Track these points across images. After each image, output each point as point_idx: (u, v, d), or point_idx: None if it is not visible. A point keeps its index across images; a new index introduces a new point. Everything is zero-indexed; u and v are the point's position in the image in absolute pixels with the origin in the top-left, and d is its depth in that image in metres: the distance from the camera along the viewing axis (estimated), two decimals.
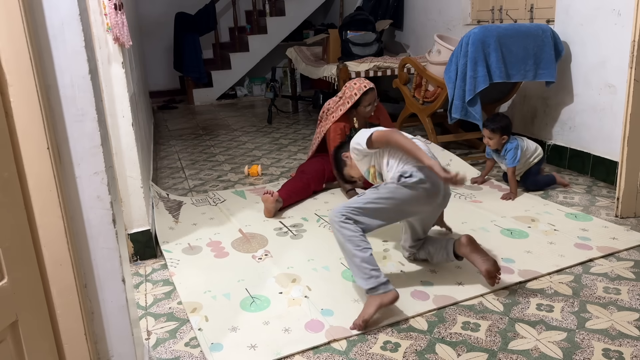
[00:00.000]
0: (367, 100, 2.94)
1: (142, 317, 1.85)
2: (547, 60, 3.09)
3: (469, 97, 3.05)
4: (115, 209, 1.24)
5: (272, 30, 6.66)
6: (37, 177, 1.09)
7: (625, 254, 2.13)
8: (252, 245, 2.37)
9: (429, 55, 3.64)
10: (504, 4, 3.83)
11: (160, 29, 6.74)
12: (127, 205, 2.24)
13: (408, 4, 5.03)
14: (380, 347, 1.62)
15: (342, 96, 3.02)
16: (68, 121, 1.15)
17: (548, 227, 2.41)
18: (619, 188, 2.46)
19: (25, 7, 1.03)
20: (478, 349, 1.58)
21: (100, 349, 1.29)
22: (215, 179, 3.44)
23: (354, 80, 3.02)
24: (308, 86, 6.77)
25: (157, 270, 2.21)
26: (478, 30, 3.03)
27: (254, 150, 4.16)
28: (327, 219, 2.62)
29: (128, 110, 2.18)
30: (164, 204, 2.88)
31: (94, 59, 1.27)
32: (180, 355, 1.63)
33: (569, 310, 1.76)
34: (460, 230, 2.40)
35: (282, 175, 3.42)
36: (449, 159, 3.30)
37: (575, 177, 3.12)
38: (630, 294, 1.83)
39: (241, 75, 6.78)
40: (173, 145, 4.50)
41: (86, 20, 1.18)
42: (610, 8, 2.85)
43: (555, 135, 3.37)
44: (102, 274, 1.25)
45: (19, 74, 1.03)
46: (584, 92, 3.12)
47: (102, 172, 1.19)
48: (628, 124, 2.36)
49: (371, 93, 2.94)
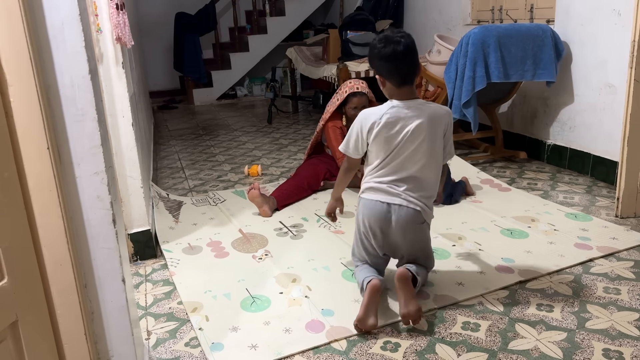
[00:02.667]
0: (354, 103, 2.93)
1: (142, 317, 1.85)
2: (546, 60, 3.09)
3: (466, 97, 3.04)
4: (115, 209, 1.24)
5: (272, 30, 6.66)
6: (37, 177, 1.09)
7: (625, 254, 2.13)
8: (252, 245, 2.37)
9: (429, 55, 3.64)
10: (504, 4, 3.83)
11: (160, 29, 6.74)
12: (127, 205, 2.24)
13: (408, 4, 5.03)
14: (380, 347, 1.62)
15: (336, 94, 3.04)
16: (68, 121, 1.15)
17: (548, 227, 2.41)
18: (619, 188, 2.46)
19: (25, 7, 1.03)
20: (478, 349, 1.58)
21: (100, 349, 1.29)
22: (215, 179, 3.44)
23: (351, 80, 3.03)
24: (308, 86, 6.77)
25: (157, 270, 2.21)
26: (478, 30, 3.03)
27: (254, 150, 4.16)
28: (327, 219, 2.62)
29: (128, 110, 2.18)
30: (164, 204, 2.88)
31: (94, 59, 1.27)
32: (181, 355, 1.63)
33: (569, 310, 1.76)
34: (461, 230, 2.40)
35: (282, 175, 3.42)
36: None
37: (575, 177, 3.12)
38: (630, 294, 1.83)
39: (241, 75, 6.78)
40: (173, 145, 4.50)
41: (86, 20, 1.18)
42: (610, 8, 2.85)
43: (555, 135, 3.37)
44: (102, 274, 1.25)
45: (19, 74, 1.03)
46: (584, 92, 3.12)
47: (102, 172, 1.19)
48: (628, 124, 2.36)
49: (360, 97, 2.93)
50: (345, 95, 2.95)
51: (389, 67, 1.71)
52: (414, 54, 1.72)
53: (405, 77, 1.71)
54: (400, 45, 1.67)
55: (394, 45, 1.67)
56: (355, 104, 2.93)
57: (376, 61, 1.74)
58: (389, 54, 1.68)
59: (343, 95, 2.97)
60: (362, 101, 2.94)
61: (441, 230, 2.40)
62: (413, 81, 1.74)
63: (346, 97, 2.96)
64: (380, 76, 1.76)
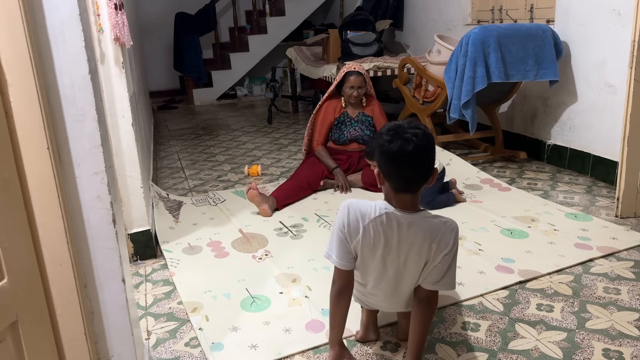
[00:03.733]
0: (350, 82, 3.00)
1: (142, 317, 1.85)
2: (548, 60, 3.09)
3: (466, 97, 3.04)
4: (115, 209, 1.24)
5: (272, 30, 6.66)
6: (37, 177, 1.09)
7: (625, 254, 2.13)
8: (253, 245, 2.37)
9: (429, 55, 3.64)
10: (504, 4, 3.83)
11: (160, 29, 6.74)
12: (127, 205, 2.24)
13: (408, 4, 5.03)
14: (380, 347, 1.62)
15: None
16: (68, 121, 1.15)
17: (548, 227, 2.41)
18: (619, 188, 2.46)
19: (25, 7, 1.03)
20: (478, 349, 1.58)
21: (100, 349, 1.29)
22: (215, 179, 3.44)
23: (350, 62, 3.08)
24: (308, 86, 6.77)
25: (157, 270, 2.21)
26: (478, 30, 3.03)
27: (254, 150, 4.15)
28: (327, 219, 2.62)
29: (128, 110, 2.18)
30: (164, 204, 2.88)
31: (94, 59, 1.27)
32: (180, 355, 1.63)
33: (569, 310, 1.75)
34: (460, 230, 2.39)
35: (282, 175, 3.42)
36: (449, 158, 3.31)
37: (575, 177, 3.12)
38: (630, 294, 1.83)
39: (241, 75, 6.78)
40: (173, 145, 4.50)
41: (86, 20, 1.18)
42: (610, 8, 2.85)
43: (555, 135, 3.37)
44: (102, 274, 1.25)
45: (19, 74, 1.03)
46: (584, 92, 3.12)
47: (102, 172, 1.19)
48: (628, 124, 2.36)
49: (356, 76, 2.99)
50: (342, 75, 3.02)
51: (390, 167, 1.33)
52: (426, 156, 1.32)
53: (408, 184, 1.33)
54: (410, 144, 1.28)
55: (401, 143, 1.28)
56: (352, 83, 2.99)
57: (378, 154, 1.35)
58: (394, 152, 1.29)
59: (341, 74, 3.04)
60: (359, 81, 3.00)
61: None
62: (417, 190, 1.35)
63: (343, 77, 3.02)
64: (379, 171, 1.38)
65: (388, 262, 1.41)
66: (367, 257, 1.42)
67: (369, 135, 3.08)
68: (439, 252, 1.36)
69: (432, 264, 1.38)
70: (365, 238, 1.38)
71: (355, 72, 2.99)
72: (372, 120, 3.11)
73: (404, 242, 1.37)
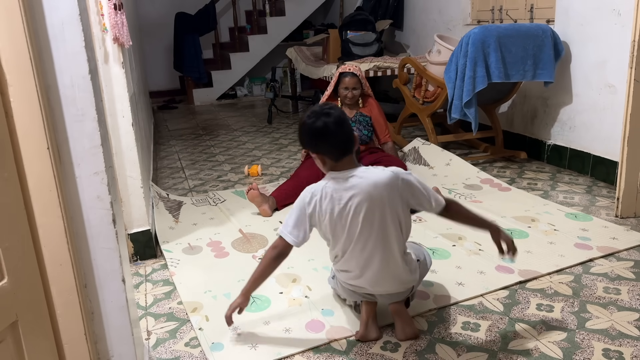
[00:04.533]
0: (345, 83, 3.00)
1: (142, 317, 1.85)
2: (546, 61, 3.09)
3: (467, 97, 3.05)
4: (115, 209, 1.24)
5: (272, 30, 6.66)
6: (37, 177, 1.09)
7: (625, 254, 2.13)
8: (252, 245, 2.37)
9: (429, 55, 3.64)
10: (504, 4, 3.83)
11: (160, 29, 6.74)
12: (127, 205, 2.24)
13: (408, 4, 5.03)
14: (380, 347, 1.62)
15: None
16: (68, 121, 1.15)
17: (548, 227, 2.41)
18: (619, 188, 2.46)
19: (25, 7, 1.03)
20: (478, 349, 1.58)
21: (100, 349, 1.29)
22: (215, 179, 3.44)
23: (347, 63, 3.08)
24: (308, 86, 6.77)
25: (157, 270, 2.21)
26: (478, 30, 3.03)
27: (254, 150, 4.16)
28: None
29: (128, 110, 2.18)
30: (164, 204, 2.88)
31: (94, 59, 1.27)
32: (181, 355, 1.63)
33: (569, 310, 1.75)
34: (461, 229, 2.40)
35: (282, 175, 3.42)
36: (449, 158, 3.31)
37: (575, 177, 3.12)
38: (630, 294, 1.83)
39: (241, 75, 6.78)
40: (173, 145, 4.50)
41: (86, 20, 1.18)
42: (610, 8, 2.85)
43: (555, 135, 3.37)
44: (102, 274, 1.25)
45: (19, 74, 1.03)
46: (584, 92, 3.12)
47: (102, 172, 1.19)
48: (628, 124, 2.36)
49: (350, 77, 2.99)
50: (337, 76, 3.04)
51: (324, 141, 1.55)
52: (345, 121, 1.58)
53: (344, 146, 1.56)
54: (330, 116, 1.54)
55: (324, 118, 1.53)
56: (346, 84, 3.00)
57: (308, 138, 1.59)
58: (323, 125, 1.53)
59: (336, 75, 3.05)
60: (353, 82, 3.00)
61: (441, 230, 2.40)
62: (352, 150, 1.58)
63: (338, 78, 3.04)
64: (317, 154, 1.59)
65: (362, 222, 1.55)
66: (337, 227, 1.58)
67: (367, 135, 3.07)
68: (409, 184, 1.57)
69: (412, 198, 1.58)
70: (327, 201, 1.56)
71: (350, 74, 2.99)
72: (370, 120, 3.11)
73: (364, 195, 1.53)
